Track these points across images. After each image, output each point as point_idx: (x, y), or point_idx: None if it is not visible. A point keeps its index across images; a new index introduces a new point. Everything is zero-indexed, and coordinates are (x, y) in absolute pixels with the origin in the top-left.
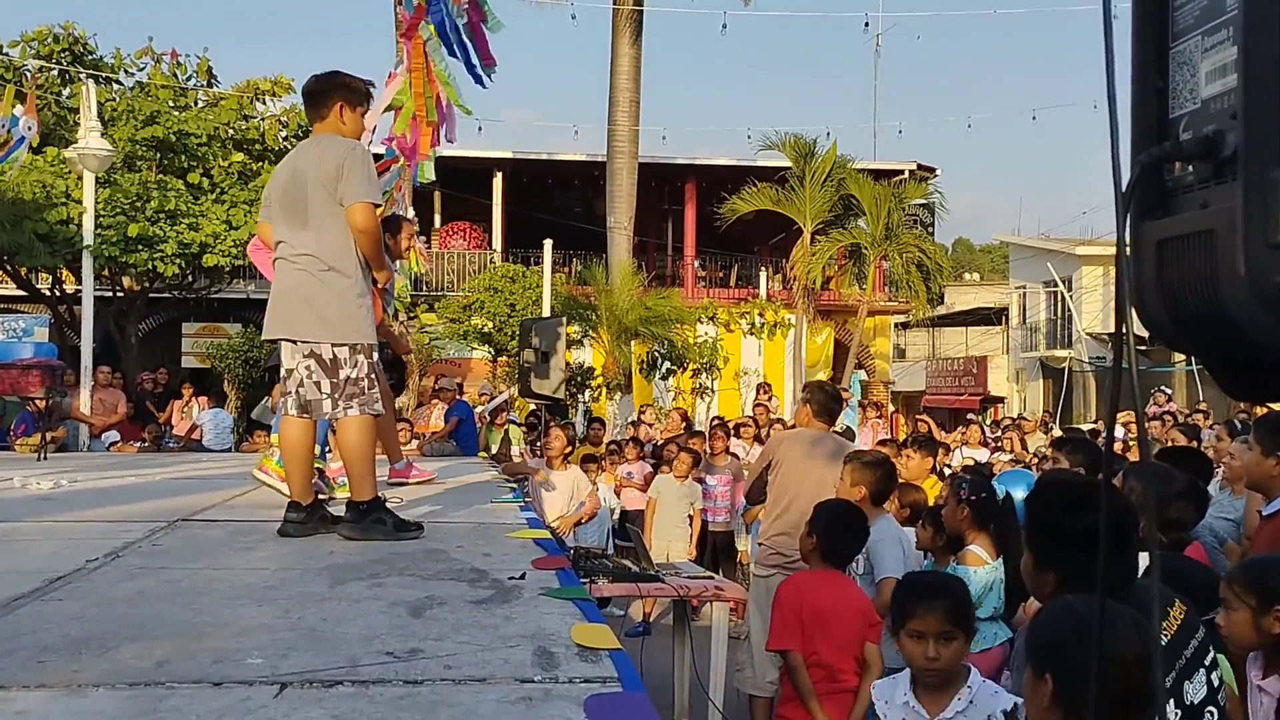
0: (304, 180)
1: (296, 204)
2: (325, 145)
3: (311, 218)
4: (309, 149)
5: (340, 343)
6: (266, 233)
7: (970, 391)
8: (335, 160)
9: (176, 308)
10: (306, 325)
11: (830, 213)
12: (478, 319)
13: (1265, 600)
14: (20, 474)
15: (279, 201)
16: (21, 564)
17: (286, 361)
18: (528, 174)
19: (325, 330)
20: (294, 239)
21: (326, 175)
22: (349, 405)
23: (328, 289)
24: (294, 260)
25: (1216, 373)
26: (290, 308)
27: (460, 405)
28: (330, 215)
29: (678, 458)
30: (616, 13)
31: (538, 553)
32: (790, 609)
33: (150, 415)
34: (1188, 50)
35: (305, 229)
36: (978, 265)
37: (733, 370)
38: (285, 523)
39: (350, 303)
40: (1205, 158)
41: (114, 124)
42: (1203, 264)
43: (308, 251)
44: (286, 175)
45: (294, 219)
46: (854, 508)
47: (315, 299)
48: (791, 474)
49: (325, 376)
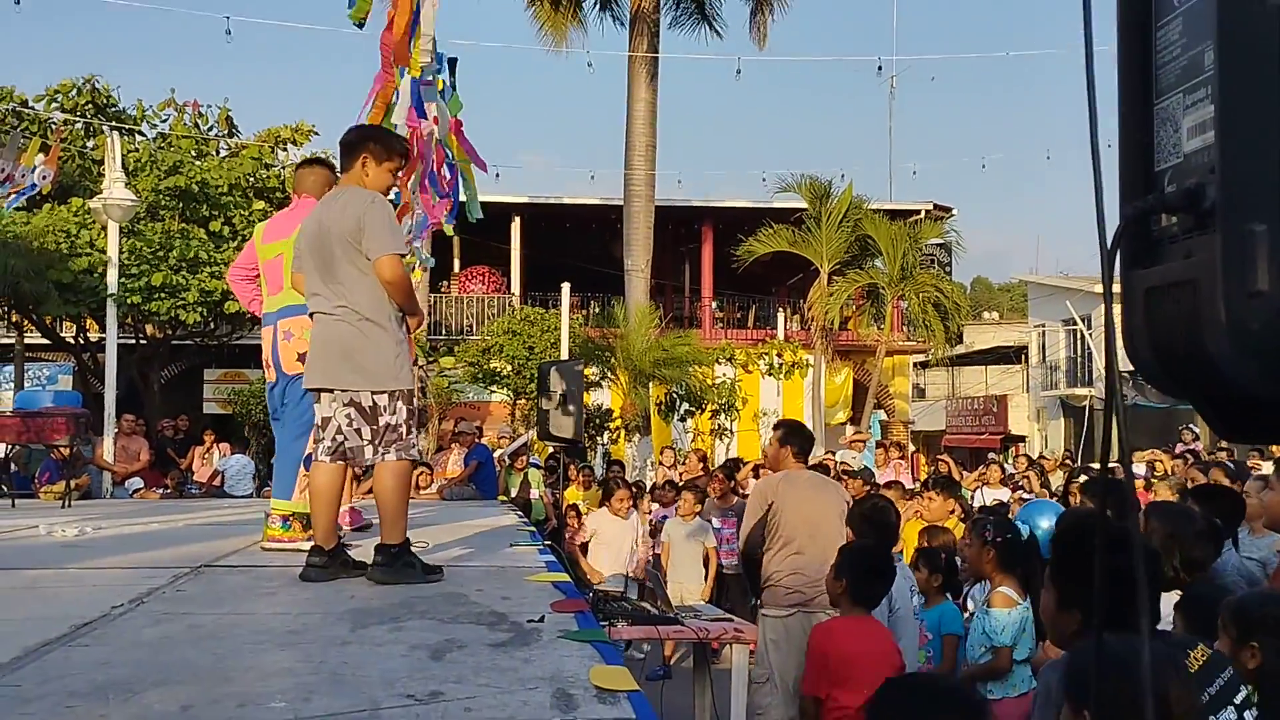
0: (328, 236)
1: (325, 258)
2: (347, 199)
3: (340, 272)
4: (333, 202)
5: (380, 390)
6: (301, 285)
7: (991, 431)
8: (355, 214)
9: (198, 355)
10: (346, 375)
11: (847, 253)
12: (496, 362)
13: (1242, 635)
14: (45, 521)
15: (309, 255)
16: (48, 610)
17: (323, 411)
18: (545, 218)
19: (365, 379)
20: (326, 292)
21: (348, 230)
22: (387, 450)
23: (366, 339)
24: (331, 313)
25: (1203, 412)
26: (330, 359)
27: (480, 449)
28: (357, 268)
29: (681, 498)
30: (632, 59)
31: (556, 596)
32: (818, 654)
33: (172, 462)
34: (1170, 107)
35: (336, 282)
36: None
37: (751, 411)
38: (308, 567)
39: (388, 351)
40: (1188, 210)
41: (137, 174)
42: (1187, 311)
43: (343, 304)
44: (315, 228)
45: (325, 273)
46: (879, 549)
47: (353, 349)
48: (797, 514)
49: (365, 424)
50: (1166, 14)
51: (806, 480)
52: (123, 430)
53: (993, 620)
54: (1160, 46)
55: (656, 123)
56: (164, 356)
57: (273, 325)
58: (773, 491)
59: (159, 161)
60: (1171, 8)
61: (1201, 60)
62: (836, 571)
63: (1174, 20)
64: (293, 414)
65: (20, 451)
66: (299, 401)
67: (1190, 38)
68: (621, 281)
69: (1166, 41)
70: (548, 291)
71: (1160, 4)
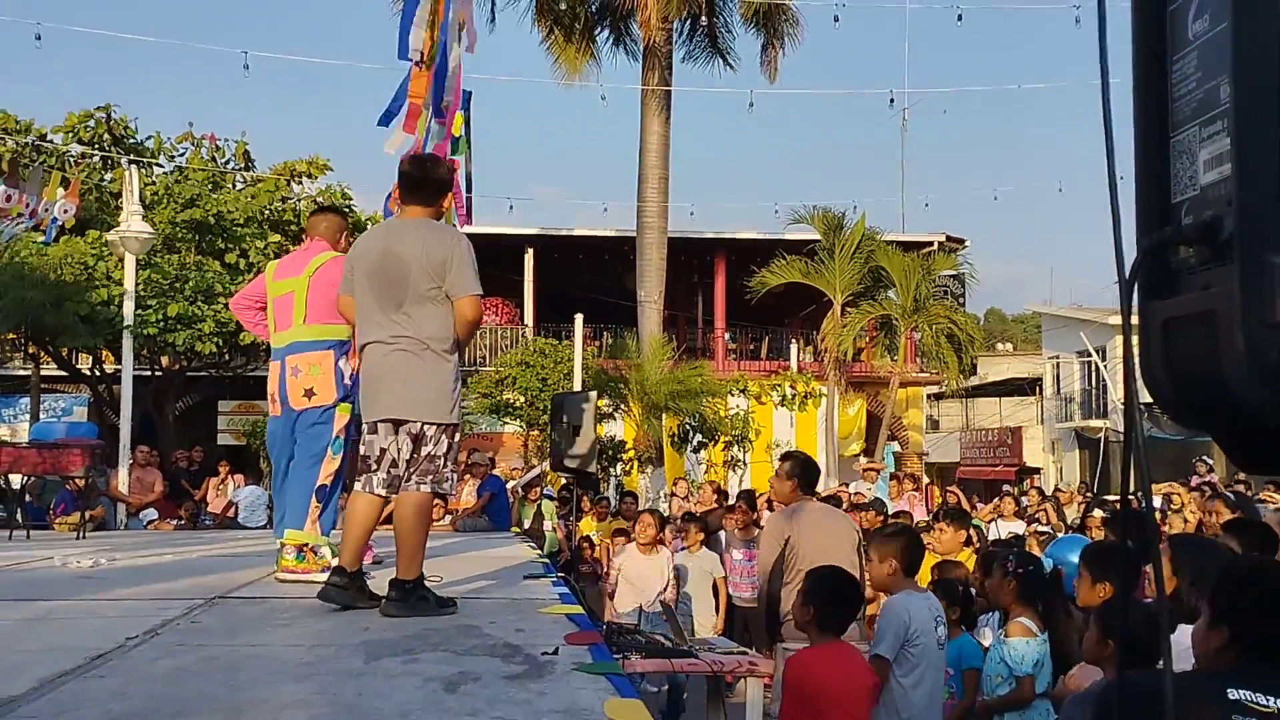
0: (404, 265)
1: (393, 287)
2: (427, 233)
3: (410, 302)
4: (406, 233)
5: (432, 421)
6: (347, 307)
7: (1005, 462)
8: (442, 251)
9: (213, 386)
10: (405, 404)
11: (860, 285)
12: (510, 394)
13: None
14: (60, 552)
15: (369, 281)
16: (63, 641)
17: (380, 443)
18: (558, 250)
19: (422, 408)
20: (387, 321)
21: (432, 264)
22: (421, 481)
23: (428, 368)
24: (391, 342)
25: (1223, 444)
26: (392, 389)
27: (493, 480)
28: (433, 301)
29: (689, 532)
30: (645, 93)
31: (571, 628)
32: (793, 685)
33: (186, 493)
34: (1187, 140)
35: (400, 311)
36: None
37: (765, 442)
38: (328, 585)
39: (447, 384)
40: (1205, 242)
41: (154, 207)
42: (1206, 342)
43: (407, 334)
44: (378, 256)
45: (387, 301)
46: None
47: (413, 378)
48: (812, 546)
49: (412, 451)
50: (1182, 48)
51: (817, 512)
52: (137, 462)
53: (1012, 650)
54: (1176, 80)
55: (669, 155)
56: (179, 388)
57: (280, 361)
58: (787, 526)
59: (176, 194)
60: (1186, 42)
61: (1217, 94)
62: (804, 598)
63: (1189, 54)
64: (303, 445)
65: (36, 482)
66: (307, 430)
67: (1205, 71)
68: (634, 313)
69: (1182, 75)
70: (561, 323)
71: (1175, 38)
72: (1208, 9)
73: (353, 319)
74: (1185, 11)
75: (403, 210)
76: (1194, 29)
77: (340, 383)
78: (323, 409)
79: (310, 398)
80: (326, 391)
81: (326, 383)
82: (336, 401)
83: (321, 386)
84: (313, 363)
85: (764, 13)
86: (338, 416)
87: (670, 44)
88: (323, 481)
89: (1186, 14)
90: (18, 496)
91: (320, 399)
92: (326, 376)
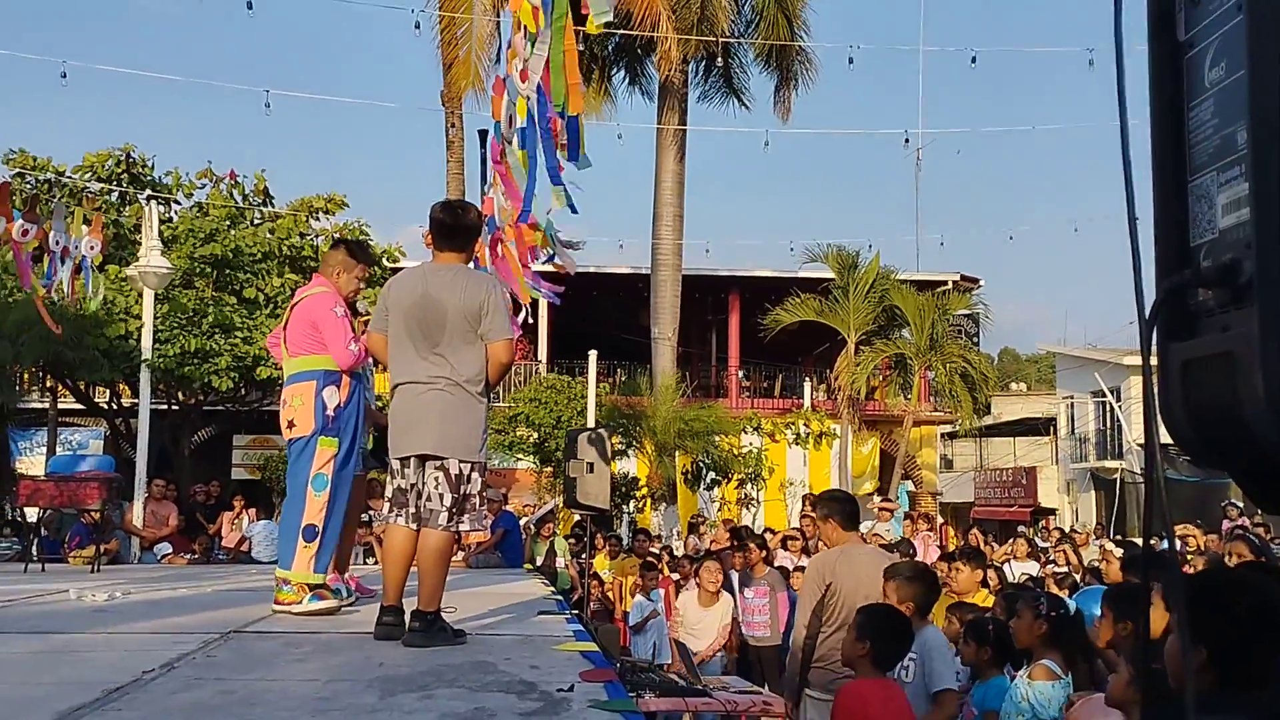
0: (442, 309)
1: (430, 329)
2: (465, 279)
3: (447, 345)
4: (443, 278)
5: (466, 460)
6: (379, 344)
7: (1020, 503)
8: (479, 297)
9: (228, 420)
10: (439, 441)
11: (874, 323)
12: (523, 430)
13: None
14: (75, 586)
15: (405, 323)
16: (80, 675)
17: (409, 477)
18: (573, 286)
19: (457, 447)
20: (422, 362)
21: (470, 309)
22: (460, 520)
23: (463, 408)
24: (426, 382)
25: (1243, 485)
26: (428, 426)
27: (506, 516)
28: (469, 344)
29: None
30: (661, 131)
31: (585, 665)
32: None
33: (201, 527)
34: (1205, 184)
35: (436, 352)
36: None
37: (778, 481)
38: (380, 625)
39: (479, 423)
40: (1224, 285)
41: (174, 243)
42: (1225, 383)
43: (443, 374)
44: (417, 298)
45: (424, 343)
46: (899, 612)
47: (448, 417)
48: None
49: (449, 490)
50: (1199, 94)
51: (867, 557)
52: (153, 495)
53: (1039, 693)
54: (1193, 125)
55: (684, 193)
56: (195, 421)
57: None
58: (830, 571)
59: (195, 230)
60: (1203, 88)
61: (1235, 139)
62: (859, 632)
63: (1206, 100)
64: (289, 476)
65: (52, 515)
66: (294, 462)
67: (1223, 117)
68: (648, 350)
69: (1199, 121)
70: (574, 359)
71: (1193, 85)
72: (1224, 57)
73: (382, 357)
74: (1202, 59)
75: (436, 255)
76: (1210, 76)
77: (320, 414)
78: (303, 440)
79: (291, 429)
80: (305, 422)
81: (305, 414)
82: (315, 433)
83: (301, 418)
84: (296, 394)
85: (779, 53)
86: (319, 451)
87: (686, 84)
88: (310, 521)
89: (1203, 62)
90: (33, 529)
91: (299, 430)
92: (306, 407)
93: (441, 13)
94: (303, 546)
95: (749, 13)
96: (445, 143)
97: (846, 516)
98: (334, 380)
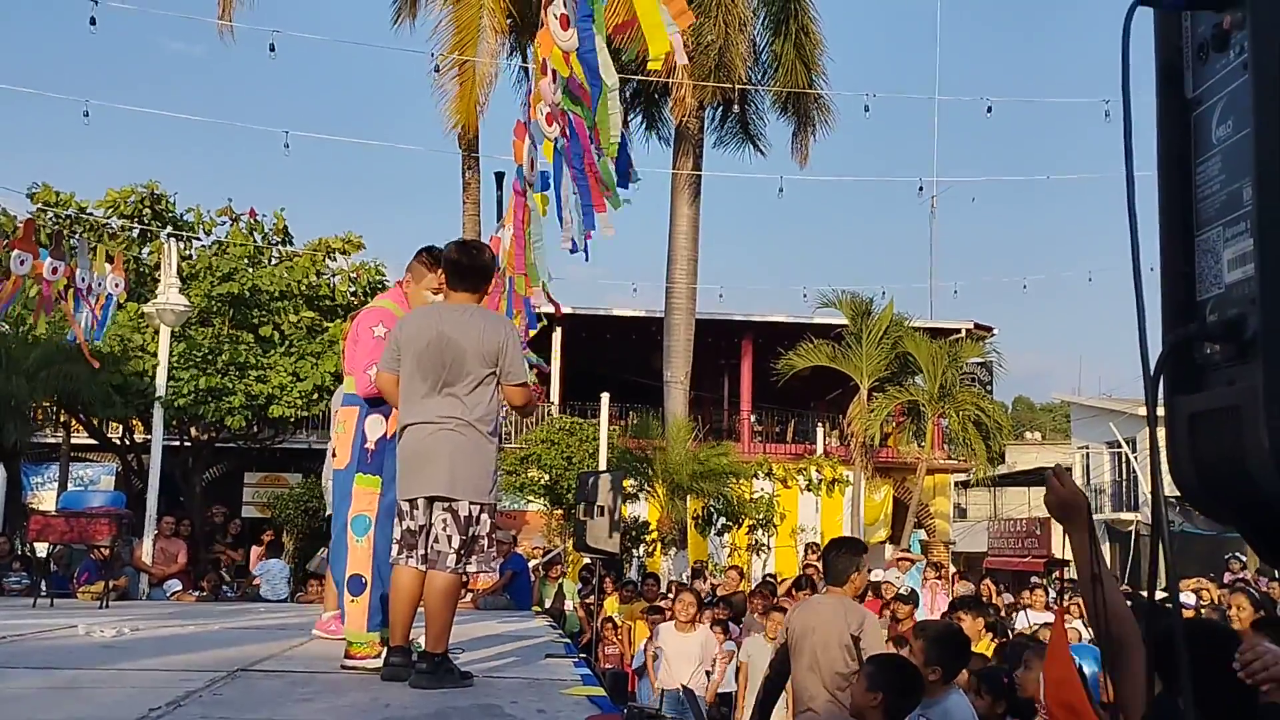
0: (459, 350)
1: (446, 369)
2: (481, 320)
3: (461, 386)
4: (459, 319)
5: (476, 501)
6: (389, 384)
7: (1034, 554)
8: (496, 339)
9: (240, 457)
10: (450, 483)
11: (887, 370)
12: (534, 471)
13: None
14: (84, 621)
15: (419, 363)
16: (87, 711)
17: (419, 519)
18: (586, 328)
19: (468, 489)
20: (436, 402)
21: (488, 351)
22: (468, 561)
23: (472, 448)
24: (439, 422)
25: (1250, 539)
26: (438, 467)
27: (515, 558)
28: (484, 385)
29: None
30: (676, 177)
31: (592, 709)
32: None
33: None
34: (1211, 239)
35: (451, 394)
36: (1039, 424)
37: (789, 527)
38: (389, 666)
39: (489, 465)
40: (1230, 339)
41: (192, 280)
42: (1231, 437)
43: (455, 414)
44: (431, 338)
45: (441, 383)
46: (907, 662)
47: (459, 457)
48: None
49: (458, 532)
50: (1205, 151)
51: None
52: (162, 532)
53: None
54: (1200, 181)
55: (699, 237)
56: (207, 458)
57: None
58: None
59: (214, 268)
60: (1210, 145)
61: (1241, 195)
62: (870, 682)
63: (1213, 157)
64: (333, 519)
65: (62, 551)
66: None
67: (1229, 174)
68: (660, 393)
69: (1206, 177)
70: (586, 401)
71: (1199, 142)
72: (1230, 115)
73: (391, 398)
74: (1209, 117)
75: (450, 295)
76: (1217, 134)
77: (359, 446)
78: (342, 474)
79: (334, 457)
80: (344, 452)
81: (345, 442)
82: (350, 466)
83: (341, 446)
84: (341, 419)
85: (796, 100)
86: (355, 490)
87: (702, 130)
88: (355, 571)
89: (1210, 120)
90: (43, 564)
91: (339, 461)
92: (347, 435)
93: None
94: (350, 601)
95: (767, 59)
96: (461, 184)
97: (828, 566)
98: (382, 410)
